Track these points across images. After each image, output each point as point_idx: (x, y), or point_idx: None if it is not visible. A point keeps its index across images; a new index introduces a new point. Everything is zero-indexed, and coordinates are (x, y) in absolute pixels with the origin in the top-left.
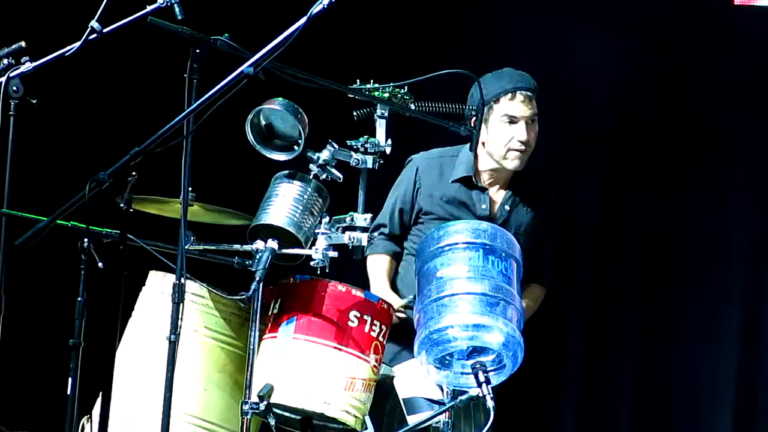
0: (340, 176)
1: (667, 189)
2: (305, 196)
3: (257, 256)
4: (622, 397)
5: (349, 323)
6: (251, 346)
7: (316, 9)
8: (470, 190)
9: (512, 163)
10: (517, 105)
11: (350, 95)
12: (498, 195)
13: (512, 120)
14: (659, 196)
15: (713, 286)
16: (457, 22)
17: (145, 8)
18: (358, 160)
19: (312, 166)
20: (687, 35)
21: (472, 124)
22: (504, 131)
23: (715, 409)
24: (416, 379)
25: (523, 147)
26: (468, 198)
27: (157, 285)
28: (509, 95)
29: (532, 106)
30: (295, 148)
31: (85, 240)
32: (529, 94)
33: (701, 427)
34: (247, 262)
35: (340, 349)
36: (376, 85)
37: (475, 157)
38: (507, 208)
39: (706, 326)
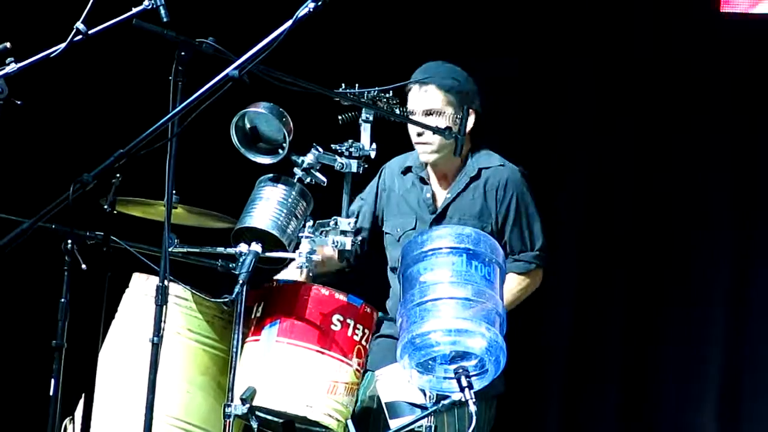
0: (325, 180)
1: (654, 188)
2: (289, 200)
3: (241, 259)
4: (606, 395)
5: (332, 327)
6: (234, 349)
7: (302, 12)
8: (420, 183)
9: (422, 156)
10: (412, 98)
11: (335, 99)
12: (441, 186)
13: (411, 113)
14: (646, 196)
15: (698, 285)
16: (444, 26)
17: (131, 10)
18: (342, 164)
19: (296, 170)
20: (673, 43)
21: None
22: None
23: (699, 410)
24: (399, 382)
25: (420, 140)
26: (418, 190)
27: (141, 287)
28: (410, 88)
29: (427, 98)
30: (280, 151)
31: (69, 242)
32: (426, 86)
33: (686, 424)
34: (230, 265)
35: (322, 353)
36: (361, 90)
37: None
38: (448, 197)
39: (690, 325)
